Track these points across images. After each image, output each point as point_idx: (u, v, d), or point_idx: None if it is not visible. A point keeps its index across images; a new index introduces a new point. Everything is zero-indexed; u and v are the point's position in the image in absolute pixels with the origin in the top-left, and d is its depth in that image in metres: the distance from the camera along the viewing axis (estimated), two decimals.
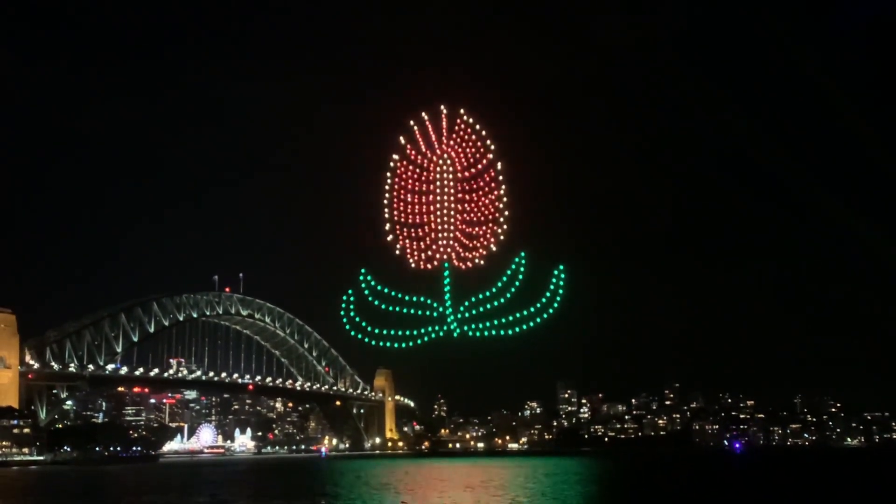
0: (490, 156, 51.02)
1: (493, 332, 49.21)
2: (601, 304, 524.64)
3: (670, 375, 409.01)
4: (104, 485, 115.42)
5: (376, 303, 50.69)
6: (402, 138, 52.46)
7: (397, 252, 51.05)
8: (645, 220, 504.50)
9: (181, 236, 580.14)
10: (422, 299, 50.28)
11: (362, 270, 51.06)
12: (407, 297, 50.53)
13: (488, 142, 51.23)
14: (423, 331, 50.14)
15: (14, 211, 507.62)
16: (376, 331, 50.89)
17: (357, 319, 50.96)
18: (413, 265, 50.80)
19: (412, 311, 50.25)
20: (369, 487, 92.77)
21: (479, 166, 51.08)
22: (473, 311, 49.45)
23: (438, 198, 51.32)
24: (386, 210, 51.87)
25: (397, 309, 50.48)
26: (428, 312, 50.02)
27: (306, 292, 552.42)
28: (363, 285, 50.81)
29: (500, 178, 50.50)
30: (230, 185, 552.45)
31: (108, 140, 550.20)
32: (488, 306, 49.31)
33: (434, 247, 50.87)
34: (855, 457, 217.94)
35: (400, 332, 50.50)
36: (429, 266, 50.70)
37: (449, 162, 51.81)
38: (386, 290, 50.60)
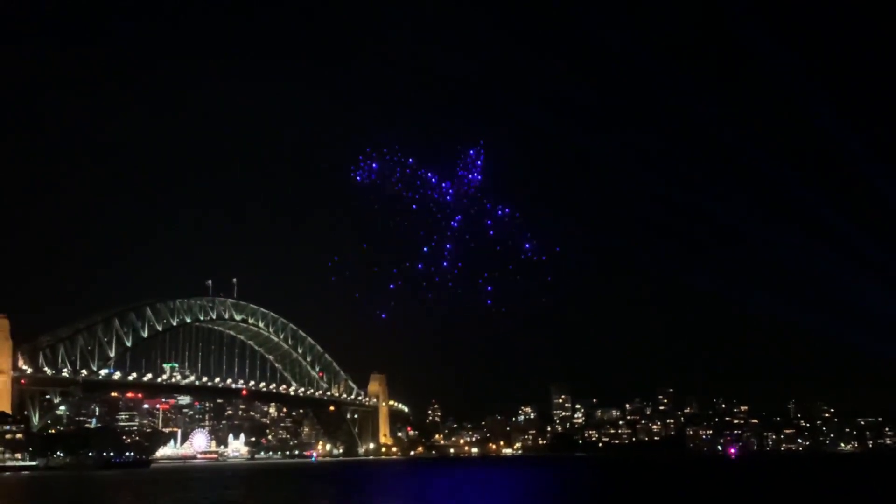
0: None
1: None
2: (595, 309, 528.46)
3: (664, 381, 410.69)
4: (95, 491, 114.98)
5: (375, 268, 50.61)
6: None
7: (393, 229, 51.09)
8: (641, 225, 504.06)
9: (175, 241, 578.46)
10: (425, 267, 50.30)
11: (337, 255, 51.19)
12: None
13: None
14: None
15: (7, 216, 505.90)
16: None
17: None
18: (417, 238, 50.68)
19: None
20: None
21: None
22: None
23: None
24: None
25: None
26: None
27: (300, 297, 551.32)
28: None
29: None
30: (224, 189, 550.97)
31: (102, 147, 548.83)
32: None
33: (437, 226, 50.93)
34: (848, 462, 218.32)
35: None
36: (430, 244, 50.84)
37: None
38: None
